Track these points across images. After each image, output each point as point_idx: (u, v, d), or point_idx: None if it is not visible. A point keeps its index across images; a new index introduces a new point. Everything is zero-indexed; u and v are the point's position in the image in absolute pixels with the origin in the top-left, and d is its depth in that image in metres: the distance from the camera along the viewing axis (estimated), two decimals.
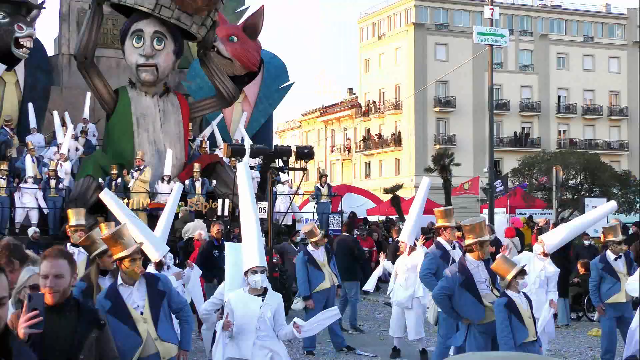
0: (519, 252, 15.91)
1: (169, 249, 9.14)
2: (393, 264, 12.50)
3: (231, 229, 17.12)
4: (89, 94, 23.48)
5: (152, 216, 19.05)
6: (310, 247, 12.46)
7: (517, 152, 57.34)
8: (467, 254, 8.50)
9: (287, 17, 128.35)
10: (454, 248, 10.08)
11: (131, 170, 20.53)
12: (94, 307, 4.78)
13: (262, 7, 26.21)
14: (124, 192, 20.21)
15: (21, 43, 22.09)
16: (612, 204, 10.95)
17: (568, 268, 15.99)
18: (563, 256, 14.83)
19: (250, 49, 25.51)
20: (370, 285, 13.35)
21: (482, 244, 8.40)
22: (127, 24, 21.19)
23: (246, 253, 7.29)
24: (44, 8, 24.26)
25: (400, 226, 26.09)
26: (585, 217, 10.95)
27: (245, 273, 7.14)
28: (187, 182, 20.91)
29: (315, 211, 23.74)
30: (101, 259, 7.31)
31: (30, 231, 18.40)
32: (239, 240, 13.14)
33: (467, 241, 8.46)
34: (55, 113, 22.73)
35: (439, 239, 10.15)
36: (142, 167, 20.52)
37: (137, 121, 21.36)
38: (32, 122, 22.52)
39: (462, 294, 8.34)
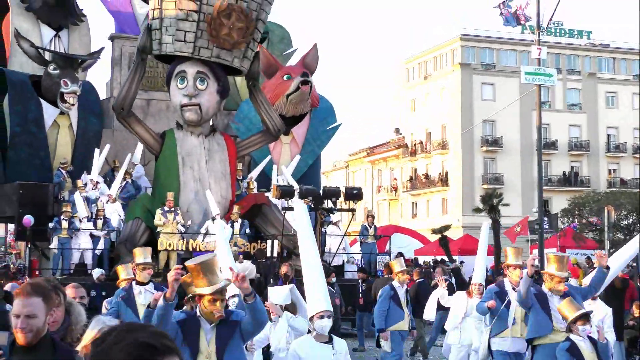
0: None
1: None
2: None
3: (277, 270, 17.17)
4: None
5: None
6: (396, 283, 12.39)
7: (566, 192, 56.67)
8: (543, 284, 8.96)
9: (333, 59, 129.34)
10: (513, 289, 10.11)
11: (158, 211, 20.58)
12: (71, 348, 4.54)
13: (316, 46, 26.49)
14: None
15: (65, 98, 22.92)
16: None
17: (622, 310, 15.67)
18: (618, 298, 14.57)
19: (313, 86, 25.97)
20: (430, 314, 13.24)
21: (552, 276, 8.70)
22: (171, 67, 21.62)
23: (311, 297, 6.76)
24: (99, 58, 24.90)
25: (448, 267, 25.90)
26: (621, 254, 10.80)
27: (311, 319, 6.64)
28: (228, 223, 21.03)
29: (361, 251, 23.63)
30: (195, 301, 7.20)
31: (96, 273, 18.24)
32: (285, 281, 13.18)
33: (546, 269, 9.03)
34: (97, 151, 23.07)
35: (504, 279, 10.31)
36: (172, 209, 20.57)
37: (183, 160, 21.61)
38: (96, 167, 22.93)
39: (535, 307, 8.76)
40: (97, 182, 22.06)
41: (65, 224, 20.30)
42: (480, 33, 62.89)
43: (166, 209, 20.46)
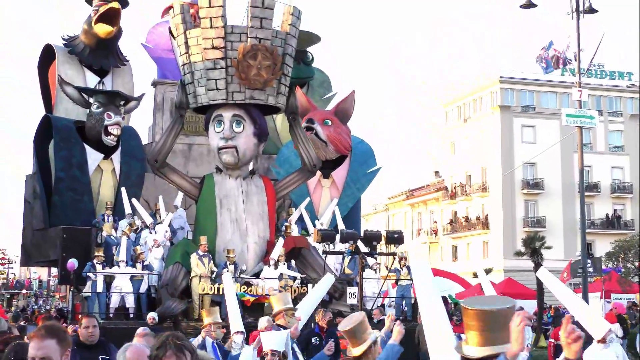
0: (622, 339, 15.37)
1: None
2: None
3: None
4: None
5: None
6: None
7: (609, 235, 55.83)
8: None
9: (372, 102, 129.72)
10: None
11: (194, 256, 20.62)
12: None
13: (353, 92, 26.63)
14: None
15: (109, 130, 23.30)
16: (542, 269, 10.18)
17: None
18: None
19: (343, 133, 26.00)
20: None
21: None
22: (209, 112, 22.01)
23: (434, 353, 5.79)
24: (139, 102, 25.32)
25: None
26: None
27: None
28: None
29: (395, 295, 23.33)
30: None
31: (148, 316, 18.25)
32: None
33: None
34: (126, 199, 23.23)
35: None
36: (207, 254, 20.63)
37: (220, 202, 21.85)
38: (127, 208, 23.14)
39: None
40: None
41: (99, 268, 20.45)
42: (520, 75, 62.73)
43: (201, 253, 20.60)
